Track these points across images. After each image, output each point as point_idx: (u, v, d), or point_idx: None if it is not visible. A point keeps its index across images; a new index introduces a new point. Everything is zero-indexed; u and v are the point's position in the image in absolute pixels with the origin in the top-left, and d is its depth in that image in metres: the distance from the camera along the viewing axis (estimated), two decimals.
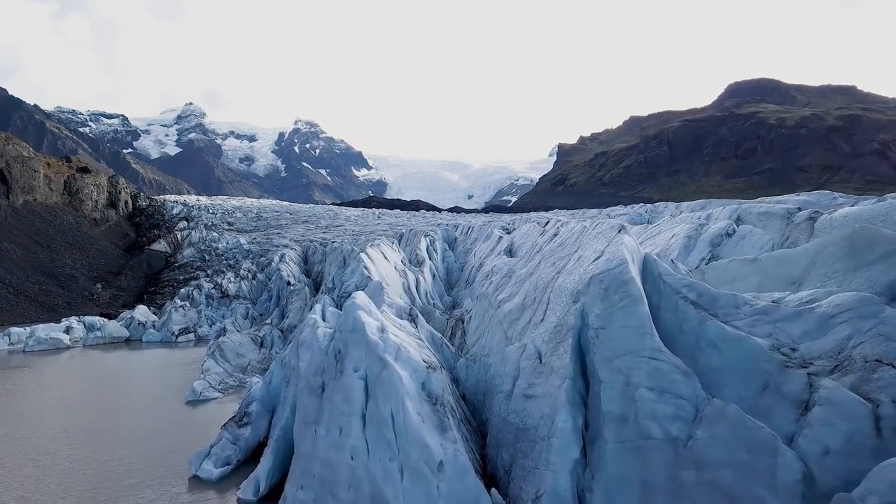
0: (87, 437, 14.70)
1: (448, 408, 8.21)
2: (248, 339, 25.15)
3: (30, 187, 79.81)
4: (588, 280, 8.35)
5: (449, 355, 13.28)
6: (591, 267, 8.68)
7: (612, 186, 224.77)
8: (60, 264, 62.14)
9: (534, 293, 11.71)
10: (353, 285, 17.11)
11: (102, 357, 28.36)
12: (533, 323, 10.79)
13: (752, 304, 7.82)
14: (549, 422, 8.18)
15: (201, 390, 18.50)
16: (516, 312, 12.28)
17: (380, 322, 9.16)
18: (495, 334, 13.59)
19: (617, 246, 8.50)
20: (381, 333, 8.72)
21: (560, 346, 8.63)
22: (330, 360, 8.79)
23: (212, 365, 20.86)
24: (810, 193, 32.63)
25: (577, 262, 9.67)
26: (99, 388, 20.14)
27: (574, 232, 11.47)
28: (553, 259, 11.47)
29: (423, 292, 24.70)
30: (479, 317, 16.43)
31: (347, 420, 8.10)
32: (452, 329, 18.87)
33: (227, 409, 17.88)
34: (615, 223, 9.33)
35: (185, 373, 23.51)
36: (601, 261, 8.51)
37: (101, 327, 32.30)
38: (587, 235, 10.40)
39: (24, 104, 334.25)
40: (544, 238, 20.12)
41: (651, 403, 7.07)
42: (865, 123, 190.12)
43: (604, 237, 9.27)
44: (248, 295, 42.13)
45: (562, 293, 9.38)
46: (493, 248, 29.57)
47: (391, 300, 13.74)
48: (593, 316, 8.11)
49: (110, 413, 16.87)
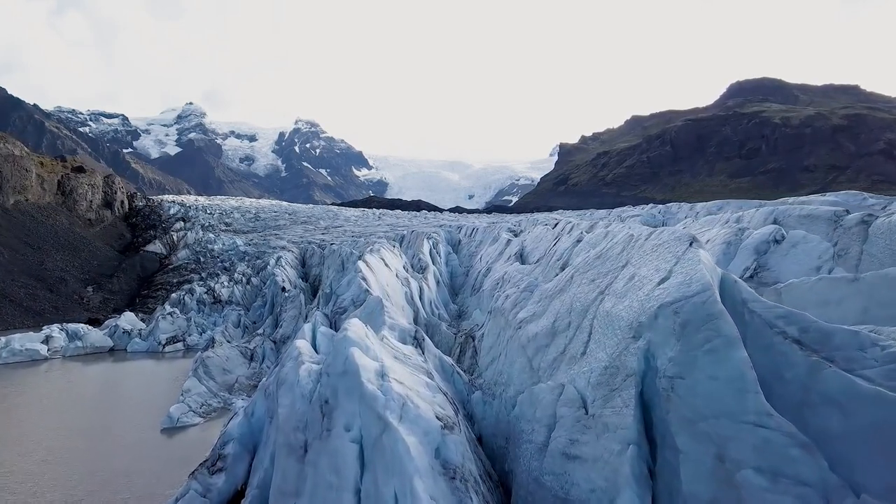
0: (29, 480, 12.31)
1: (471, 482, 6.15)
2: (237, 352, 23.09)
3: (21, 187, 77.89)
4: (656, 310, 6.29)
5: (461, 386, 11.25)
6: (656, 292, 6.61)
7: (615, 186, 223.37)
8: (50, 267, 60.13)
9: (567, 316, 9.68)
10: (349, 299, 15.05)
11: (81, 371, 26.29)
12: (569, 356, 8.76)
13: (887, 347, 5.78)
14: (605, 499, 6.18)
15: (179, 416, 16.41)
16: (544, 338, 10.26)
17: (379, 363, 7.11)
18: (516, 361, 11.61)
19: (692, 265, 6.43)
20: (381, 380, 6.66)
21: (616, 395, 6.61)
22: (315, 412, 6.76)
23: (193, 384, 18.79)
24: (837, 194, 30.53)
25: (629, 282, 7.61)
26: (65, 410, 18.06)
27: (618, 241, 9.37)
28: (591, 275, 9.43)
29: (427, 301, 22.66)
30: (494, 335, 14.45)
31: (336, 497, 6.07)
32: (461, 346, 16.83)
33: (208, 438, 15.83)
34: (681, 232, 7.26)
35: (168, 389, 21.46)
36: (672, 284, 6.45)
37: (84, 336, 30.26)
38: (638, 247, 8.33)
39: (24, 104, 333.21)
40: (564, 244, 18.09)
41: (761, 492, 5.04)
42: (871, 123, 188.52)
43: (668, 251, 7.18)
44: (242, 301, 40.06)
45: (612, 322, 7.34)
46: (500, 252, 27.73)
47: (393, 320, 11.66)
48: (665, 360, 6.07)
49: (68, 444, 14.66)
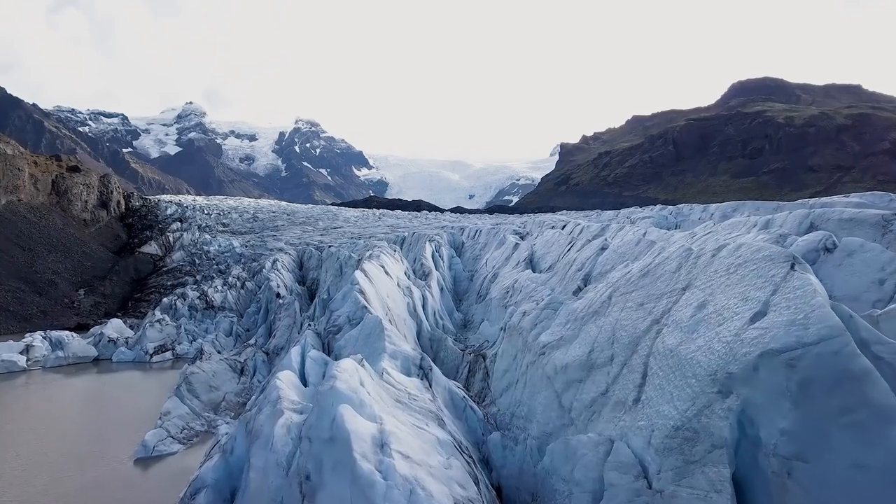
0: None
1: None
2: (226, 365, 21.35)
3: (14, 187, 76.13)
4: (755, 358, 4.61)
5: (475, 423, 9.55)
6: (749, 331, 4.92)
7: (617, 186, 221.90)
8: (41, 269, 58.30)
9: (608, 347, 7.92)
10: (344, 316, 13.32)
11: (60, 384, 24.55)
12: (615, 400, 7.01)
13: None
14: None
15: (155, 444, 14.67)
16: (577, 371, 8.51)
17: (377, 423, 5.38)
18: (540, 393, 9.85)
19: (804, 296, 4.73)
20: (380, 453, 4.94)
21: (696, 471, 4.90)
22: (292, 491, 5.06)
23: (174, 405, 17.04)
24: (861, 195, 28.87)
25: (698, 311, 5.90)
26: (32, 434, 16.31)
27: (670, 256, 7.64)
28: (637, 297, 7.70)
29: (431, 311, 20.93)
30: (510, 357, 12.74)
31: None
32: (471, 365, 15.10)
33: (188, 469, 14.04)
34: (771, 249, 5.55)
35: (152, 405, 19.65)
36: (775, 322, 4.76)
37: (66, 345, 28.55)
38: (702, 265, 6.61)
39: (23, 103, 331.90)
40: (585, 252, 16.36)
41: None
42: (876, 122, 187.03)
43: (756, 275, 5.48)
44: (235, 306, 38.29)
45: (681, 366, 5.64)
46: (508, 257, 26.06)
47: (395, 346, 9.95)
48: (774, 431, 4.39)
49: (22, 482, 12.89)
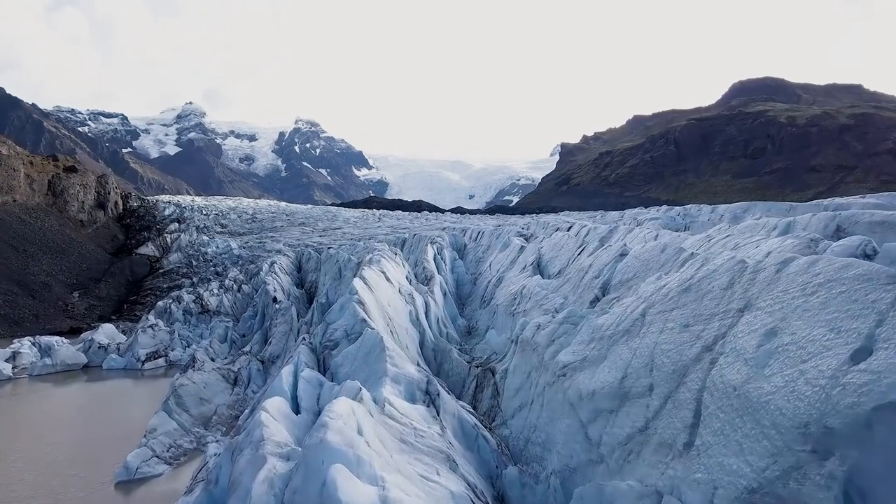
0: None
1: None
2: (218, 376, 20.28)
3: (9, 187, 75.19)
4: (869, 412, 3.57)
5: (488, 454, 8.50)
6: (852, 375, 3.87)
7: (618, 186, 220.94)
8: (35, 271, 57.24)
9: (646, 375, 6.82)
10: (341, 329, 12.22)
11: (46, 394, 23.53)
12: (659, 440, 5.93)
13: None
14: None
15: (138, 465, 13.59)
16: (607, 399, 7.41)
17: (378, 487, 4.38)
18: (560, 419, 8.76)
19: None
20: None
21: None
22: None
23: (162, 421, 15.95)
24: (878, 196, 27.94)
25: (768, 341, 4.87)
26: (10, 451, 15.28)
27: (718, 270, 6.56)
28: (680, 316, 6.62)
29: (435, 319, 19.86)
30: (523, 375, 11.67)
31: None
32: (478, 379, 14.03)
33: (173, 494, 13.02)
34: (867, 267, 4.51)
35: (141, 416, 18.52)
36: (886, 364, 3.75)
37: (55, 352, 27.50)
38: (765, 282, 5.56)
39: (22, 103, 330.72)
40: (601, 258, 15.27)
41: None
42: (878, 122, 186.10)
43: (848, 299, 4.43)
44: (231, 310, 37.22)
45: (752, 409, 4.59)
46: (513, 261, 25.02)
47: (397, 368, 8.89)
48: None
49: None
